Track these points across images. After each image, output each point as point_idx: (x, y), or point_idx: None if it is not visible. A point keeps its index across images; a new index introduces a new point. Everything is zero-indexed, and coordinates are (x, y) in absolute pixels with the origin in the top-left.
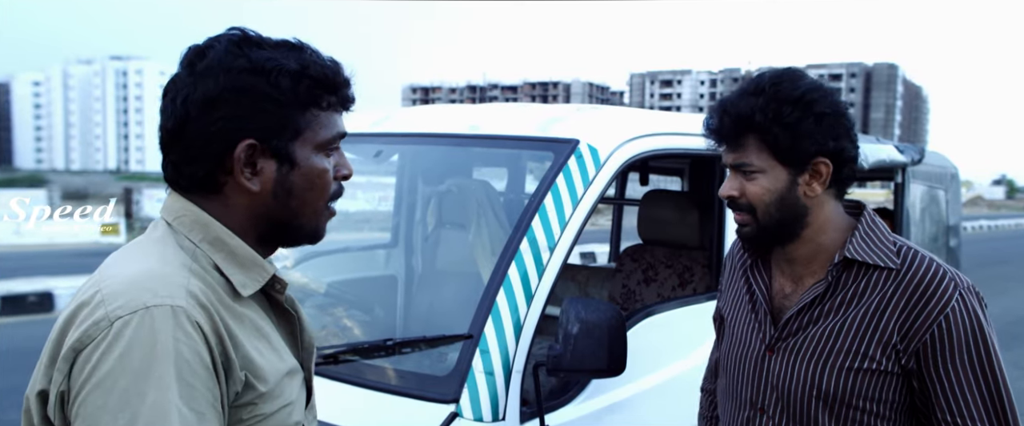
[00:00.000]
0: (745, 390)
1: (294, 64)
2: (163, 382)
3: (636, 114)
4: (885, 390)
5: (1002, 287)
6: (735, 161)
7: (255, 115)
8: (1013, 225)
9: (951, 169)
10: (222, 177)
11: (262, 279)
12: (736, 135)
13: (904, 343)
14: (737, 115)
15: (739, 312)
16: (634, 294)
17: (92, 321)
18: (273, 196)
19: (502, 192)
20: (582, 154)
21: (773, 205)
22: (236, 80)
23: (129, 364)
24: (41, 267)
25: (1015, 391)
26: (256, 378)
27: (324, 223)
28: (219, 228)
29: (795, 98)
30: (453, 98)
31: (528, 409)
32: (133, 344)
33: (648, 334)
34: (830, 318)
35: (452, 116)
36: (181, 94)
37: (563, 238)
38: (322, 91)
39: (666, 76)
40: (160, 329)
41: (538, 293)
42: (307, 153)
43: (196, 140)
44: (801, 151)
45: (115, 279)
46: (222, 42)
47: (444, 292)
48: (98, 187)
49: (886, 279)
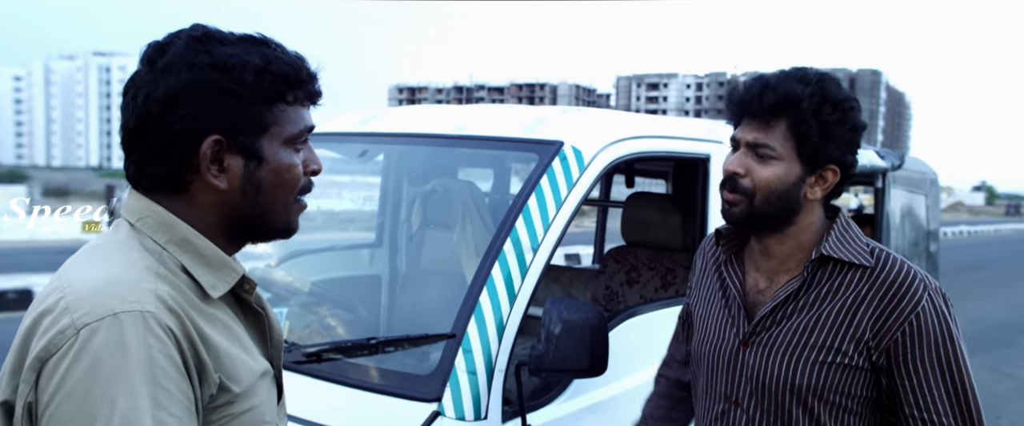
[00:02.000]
0: (719, 384)
1: (257, 59)
2: (135, 389)
3: (621, 117)
4: (855, 385)
5: (981, 292)
6: (756, 140)
7: (219, 111)
8: (992, 231)
9: (931, 175)
10: (189, 176)
11: (231, 280)
12: (773, 113)
13: (875, 340)
14: (784, 94)
15: (711, 307)
16: (617, 295)
17: (57, 329)
18: (241, 193)
19: (487, 193)
20: (566, 156)
21: (776, 195)
22: (198, 76)
23: (99, 373)
24: (21, 264)
25: (995, 394)
26: (230, 380)
27: (295, 217)
28: (185, 228)
29: (838, 100)
30: (440, 98)
31: (510, 408)
32: (102, 352)
33: (630, 335)
34: (804, 313)
35: (438, 116)
36: (142, 92)
37: (546, 239)
38: (286, 86)
39: (652, 79)
40: (129, 336)
41: (521, 293)
42: (275, 148)
43: (159, 139)
44: (823, 153)
45: (79, 285)
46: (183, 38)
47: (428, 292)
48: (80, 184)
49: (859, 277)
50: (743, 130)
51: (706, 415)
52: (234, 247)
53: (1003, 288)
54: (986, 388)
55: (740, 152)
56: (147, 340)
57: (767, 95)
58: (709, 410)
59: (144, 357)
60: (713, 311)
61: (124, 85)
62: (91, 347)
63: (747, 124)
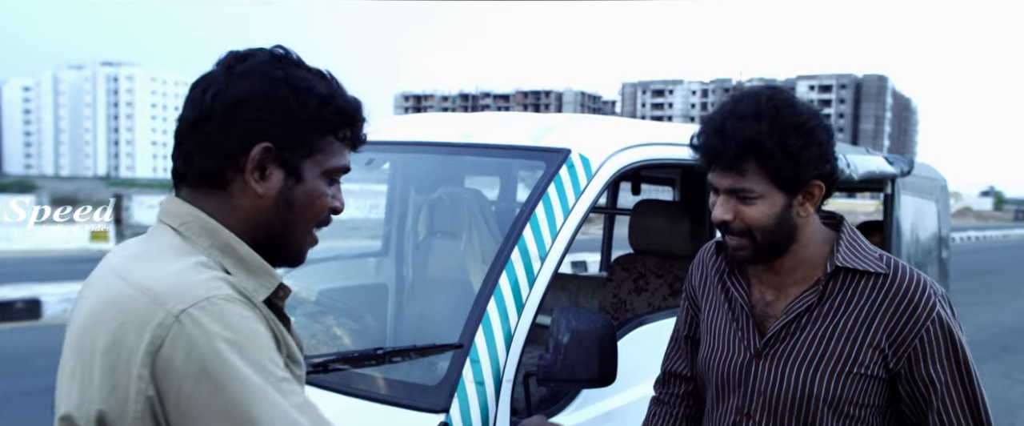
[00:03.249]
0: (730, 397)
1: (324, 90)
2: (254, 356)
3: (628, 124)
4: (870, 394)
5: (990, 298)
6: (732, 186)
7: (278, 124)
8: (1001, 236)
9: (940, 180)
10: (231, 174)
11: (271, 286)
12: (739, 160)
13: (892, 348)
14: (744, 140)
15: (718, 320)
16: (625, 304)
17: (156, 322)
18: (275, 203)
19: (494, 201)
20: (574, 164)
21: (771, 228)
22: (270, 88)
23: (212, 348)
24: (30, 273)
25: (1008, 401)
26: (293, 361)
27: (308, 247)
28: (227, 234)
29: (798, 125)
30: (445, 106)
31: (518, 419)
32: (208, 330)
33: (639, 344)
34: (818, 324)
35: (445, 125)
36: (212, 89)
37: (554, 248)
38: (341, 122)
39: (658, 86)
40: (227, 311)
41: (529, 302)
42: (314, 174)
43: (215, 133)
44: (800, 177)
45: (154, 282)
46: (265, 53)
47: (435, 301)
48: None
49: (873, 286)
50: (717, 177)
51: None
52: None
53: (1013, 294)
54: (998, 394)
55: (722, 198)
56: (242, 314)
57: (728, 146)
58: (719, 422)
59: (247, 329)
60: (720, 324)
61: (194, 81)
62: (198, 328)
63: (718, 172)
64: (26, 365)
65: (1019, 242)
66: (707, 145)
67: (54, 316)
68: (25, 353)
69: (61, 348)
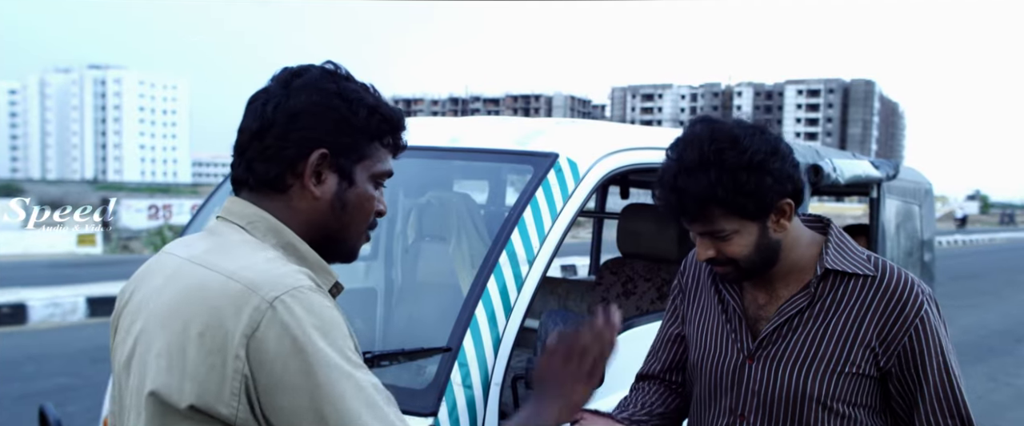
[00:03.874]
0: (723, 398)
1: (372, 100)
2: (336, 342)
3: (616, 128)
4: (862, 393)
5: (976, 301)
6: (704, 230)
7: (332, 132)
8: (986, 239)
9: (925, 184)
10: (290, 180)
11: (329, 283)
12: (700, 212)
13: (883, 346)
14: (697, 196)
15: (709, 322)
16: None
17: (252, 307)
18: (331, 206)
19: (482, 205)
20: (561, 168)
21: (753, 254)
22: (324, 99)
23: (304, 331)
24: (15, 278)
25: (993, 403)
26: (356, 351)
27: (360, 246)
28: (291, 234)
29: (746, 164)
30: (435, 110)
31: (505, 422)
32: (301, 316)
33: (627, 347)
34: (810, 325)
35: (433, 129)
36: (272, 102)
37: (542, 251)
38: (387, 129)
39: (647, 90)
40: (314, 301)
41: (517, 306)
42: (364, 178)
43: (275, 142)
44: (765, 204)
45: (243, 271)
46: (317, 69)
47: (423, 305)
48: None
49: (862, 286)
50: (690, 225)
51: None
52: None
53: (999, 297)
54: (984, 397)
55: (700, 240)
56: (325, 303)
57: (685, 204)
58: (711, 424)
59: (331, 317)
60: (711, 326)
61: (252, 96)
62: (289, 314)
63: (688, 222)
64: (16, 370)
65: (1005, 246)
66: (667, 204)
67: (40, 321)
68: (13, 358)
69: (49, 352)
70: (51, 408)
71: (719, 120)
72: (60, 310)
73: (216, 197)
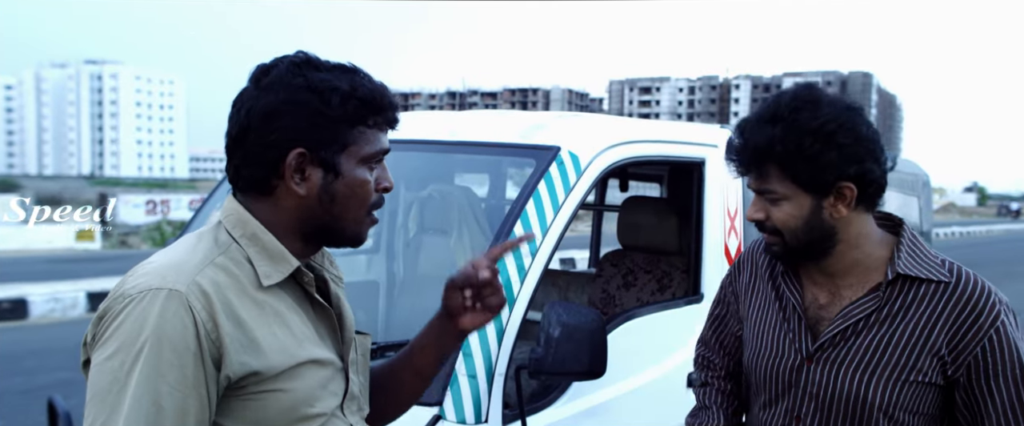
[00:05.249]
0: (780, 399)
1: (345, 85)
2: (147, 357)
3: (616, 121)
4: (924, 402)
5: None
6: (758, 187)
7: (307, 127)
8: (984, 231)
9: (923, 176)
10: (274, 181)
11: (285, 271)
12: (756, 164)
13: (952, 356)
14: (755, 146)
15: (767, 319)
16: (614, 299)
17: (115, 295)
18: (318, 200)
19: (483, 198)
20: (563, 161)
21: (800, 229)
22: (294, 95)
23: (125, 335)
24: (15, 273)
25: None
26: (257, 360)
27: (365, 230)
28: (256, 225)
29: (814, 129)
30: (432, 104)
31: (510, 412)
32: (132, 320)
33: (628, 338)
34: (875, 330)
35: (435, 123)
36: (246, 106)
37: (544, 244)
38: (368, 111)
39: (645, 83)
40: (154, 309)
41: (520, 297)
42: (351, 165)
43: (255, 146)
44: (823, 180)
45: (149, 265)
46: (285, 62)
47: (426, 297)
48: (73, 192)
49: (935, 292)
50: (749, 179)
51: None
52: (309, 248)
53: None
54: None
55: (755, 197)
56: (166, 315)
57: (743, 155)
58: (768, 424)
59: (158, 329)
60: (769, 323)
61: (233, 99)
62: (127, 314)
63: (746, 173)
64: (17, 364)
65: (1002, 237)
66: (730, 152)
67: (41, 316)
68: (15, 352)
69: (50, 347)
70: (60, 400)
71: (819, 88)
72: (61, 305)
73: (218, 193)
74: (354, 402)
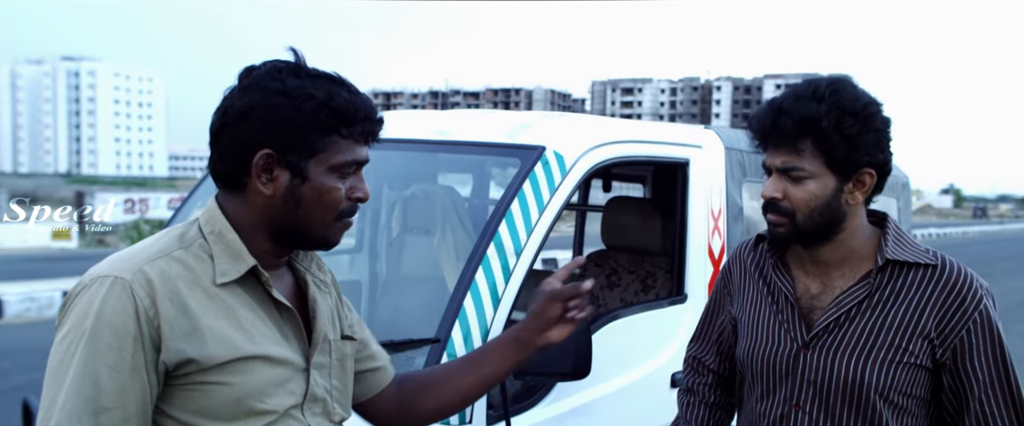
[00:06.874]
0: (778, 388)
1: (321, 94)
2: (90, 338)
3: (601, 121)
4: (916, 384)
5: None
6: (785, 164)
7: (276, 130)
8: (960, 233)
9: (902, 178)
10: (245, 178)
11: (242, 269)
12: (795, 138)
13: (940, 339)
14: (800, 118)
15: (759, 313)
16: (597, 299)
17: (76, 282)
18: (283, 202)
19: (467, 198)
20: (548, 160)
21: (817, 211)
22: (268, 99)
23: (74, 319)
24: None
25: None
26: (196, 347)
27: (334, 234)
28: (223, 223)
29: (857, 110)
30: (415, 103)
31: (495, 413)
32: (79, 305)
33: (612, 338)
34: (868, 316)
35: (419, 122)
36: (226, 103)
37: (529, 243)
38: (340, 121)
39: (627, 84)
40: (100, 296)
41: (505, 298)
42: (320, 171)
43: (229, 143)
44: (854, 162)
45: (109, 257)
46: (266, 66)
47: (410, 297)
48: (48, 190)
49: (922, 277)
50: (771, 156)
51: (763, 419)
52: (280, 248)
53: None
54: None
55: (774, 176)
56: (108, 300)
57: (783, 121)
58: (766, 414)
59: (100, 313)
60: (761, 316)
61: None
62: (78, 299)
63: (773, 150)
64: None
65: (978, 238)
66: (764, 123)
67: (16, 315)
68: None
69: (25, 347)
70: (35, 401)
71: (846, 76)
72: (36, 304)
73: (198, 192)
74: (317, 404)
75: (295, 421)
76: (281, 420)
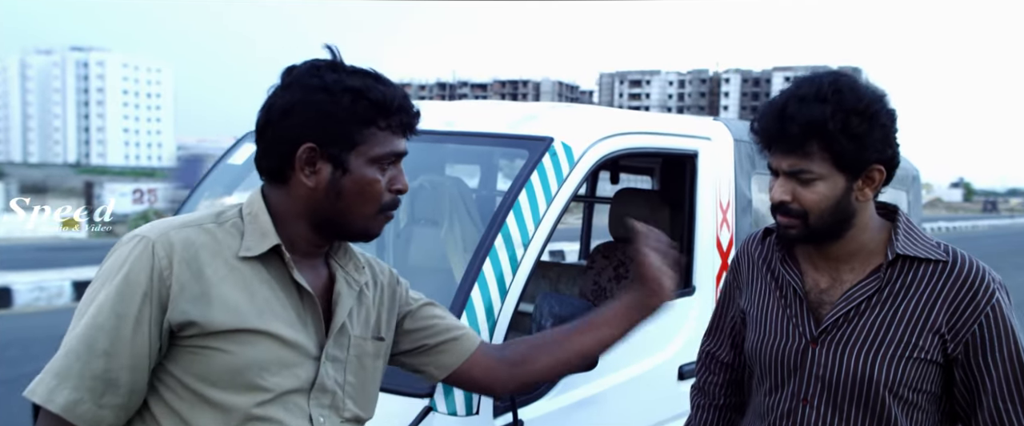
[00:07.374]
0: (786, 383)
1: (358, 85)
2: (109, 286)
3: (609, 113)
4: (927, 380)
5: None
6: (792, 167)
7: (318, 125)
8: (970, 226)
9: (912, 171)
10: (288, 172)
11: (265, 246)
12: (802, 141)
13: (951, 333)
14: (806, 122)
15: (767, 307)
16: (605, 291)
17: (132, 235)
18: (325, 194)
19: (474, 189)
20: (556, 152)
21: (828, 211)
22: (307, 95)
23: (105, 270)
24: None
25: None
26: (201, 310)
27: (375, 226)
28: (260, 206)
29: (861, 108)
30: (422, 95)
31: (501, 404)
32: (111, 258)
33: None
34: (878, 310)
35: (426, 113)
36: (270, 101)
37: (537, 235)
38: (377, 113)
39: (635, 76)
40: (128, 251)
41: (512, 289)
42: (361, 163)
43: (273, 139)
44: (863, 160)
45: (154, 221)
46: (306, 64)
47: (417, 288)
48: (58, 180)
49: (933, 272)
50: (777, 159)
51: (771, 413)
52: (321, 238)
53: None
54: None
55: (782, 179)
56: (131, 257)
57: (790, 127)
58: (774, 408)
59: (123, 267)
60: (769, 310)
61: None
62: (112, 253)
63: (779, 152)
64: (1, 354)
65: (988, 232)
66: (769, 127)
67: (25, 305)
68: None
69: (35, 336)
70: None
71: (846, 73)
72: (45, 294)
73: (206, 182)
74: (326, 396)
75: (297, 407)
76: (279, 400)
